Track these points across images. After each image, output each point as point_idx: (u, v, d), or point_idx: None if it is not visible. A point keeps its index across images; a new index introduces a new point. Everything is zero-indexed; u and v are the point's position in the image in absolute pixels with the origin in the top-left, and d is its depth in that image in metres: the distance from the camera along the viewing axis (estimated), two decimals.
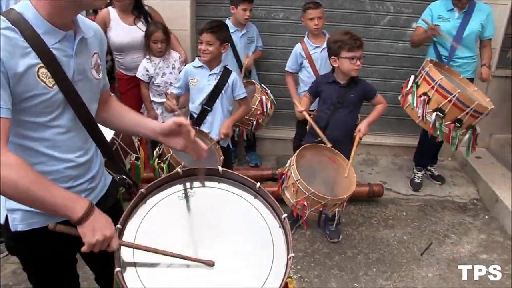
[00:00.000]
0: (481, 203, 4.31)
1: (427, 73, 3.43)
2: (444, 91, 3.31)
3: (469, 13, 3.88)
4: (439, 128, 3.41)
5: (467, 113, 3.32)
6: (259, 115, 3.99)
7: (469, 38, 3.94)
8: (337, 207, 3.01)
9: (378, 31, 4.66)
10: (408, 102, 3.56)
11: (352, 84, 3.30)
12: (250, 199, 1.72)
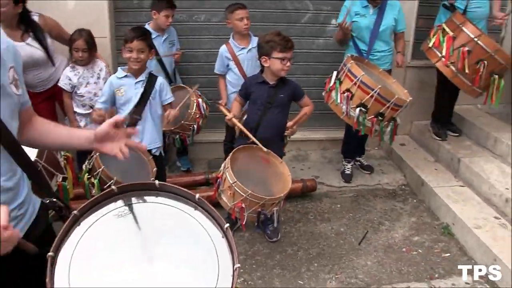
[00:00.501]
0: (409, 188, 4.52)
1: (349, 70, 3.54)
2: (366, 87, 3.46)
3: (382, 9, 4.05)
4: (362, 123, 3.55)
5: (388, 107, 3.49)
6: (199, 118, 3.95)
7: (385, 32, 4.11)
8: (275, 206, 3.02)
9: (299, 28, 4.74)
10: (332, 98, 3.65)
11: (281, 84, 3.33)
12: (190, 211, 1.66)
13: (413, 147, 5.03)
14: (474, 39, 3.87)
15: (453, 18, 4.06)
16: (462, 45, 3.91)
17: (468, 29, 3.91)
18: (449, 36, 3.97)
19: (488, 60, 3.87)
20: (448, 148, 4.62)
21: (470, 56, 3.88)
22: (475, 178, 4.16)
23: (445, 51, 3.99)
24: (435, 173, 4.44)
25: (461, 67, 3.92)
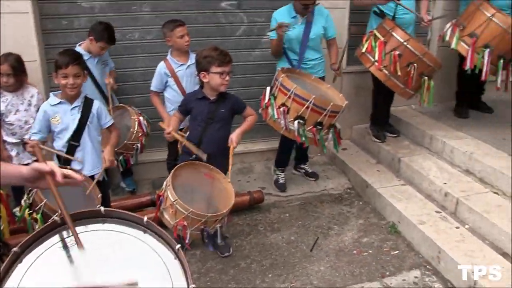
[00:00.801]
0: (354, 191, 4.60)
1: (281, 84, 3.58)
2: (301, 99, 3.49)
3: (311, 18, 4.12)
4: (303, 134, 3.57)
5: (326, 115, 3.54)
6: (141, 136, 3.86)
7: (315, 40, 4.20)
8: (218, 223, 3.00)
9: (235, 41, 4.76)
10: (270, 115, 3.68)
11: (222, 99, 3.32)
12: (139, 235, 1.61)
13: (355, 151, 5.15)
14: (403, 43, 4.03)
15: (383, 24, 4.22)
16: (393, 49, 4.05)
17: (397, 34, 4.07)
18: (380, 41, 4.12)
19: (417, 62, 4.04)
20: (388, 149, 4.76)
21: (401, 59, 4.04)
22: (416, 176, 4.31)
23: (378, 55, 4.12)
24: (377, 174, 4.55)
25: (393, 70, 4.07)
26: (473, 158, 4.12)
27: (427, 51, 4.24)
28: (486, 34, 4.10)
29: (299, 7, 4.03)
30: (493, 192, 3.83)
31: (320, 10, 4.20)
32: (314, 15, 4.13)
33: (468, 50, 4.16)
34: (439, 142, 4.55)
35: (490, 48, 4.08)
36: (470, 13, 4.26)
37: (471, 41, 4.14)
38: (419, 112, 5.28)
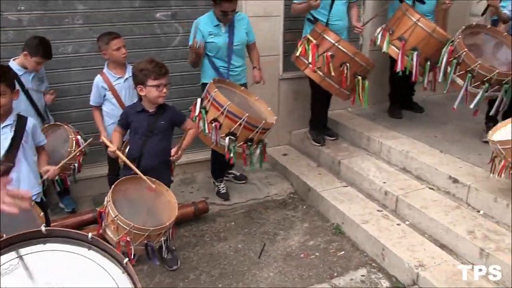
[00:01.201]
0: (297, 195, 4.65)
1: (214, 99, 3.57)
2: (233, 116, 3.51)
3: (232, 25, 4.14)
4: (233, 150, 3.60)
5: (257, 132, 3.59)
6: (79, 155, 3.70)
7: (240, 47, 4.23)
8: (162, 236, 2.94)
9: (171, 52, 4.69)
10: (200, 128, 3.66)
11: (161, 111, 3.25)
12: (84, 252, 1.53)
13: (296, 156, 5.21)
14: (335, 44, 4.15)
15: (315, 28, 4.34)
16: (325, 51, 4.17)
17: (329, 36, 4.20)
18: (313, 44, 4.22)
19: (350, 62, 4.18)
20: (327, 152, 4.85)
21: (333, 60, 4.15)
22: (356, 177, 4.42)
23: (311, 57, 4.22)
24: (319, 177, 4.63)
25: (327, 71, 4.18)
26: (409, 156, 4.29)
27: (358, 51, 4.40)
28: (413, 37, 4.32)
29: (220, 17, 4.04)
30: (429, 188, 4.00)
31: (240, 16, 4.24)
32: (235, 22, 4.16)
33: (398, 53, 4.36)
34: (376, 142, 4.69)
35: (418, 51, 4.29)
36: (398, 18, 4.46)
37: (400, 44, 4.33)
38: (355, 115, 5.43)
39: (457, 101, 4.09)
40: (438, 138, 4.62)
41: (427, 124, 5.04)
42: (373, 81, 4.74)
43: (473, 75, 3.90)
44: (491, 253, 3.11)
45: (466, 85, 3.96)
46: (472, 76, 3.91)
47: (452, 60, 4.03)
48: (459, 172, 3.90)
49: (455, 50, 4.01)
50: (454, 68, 4.02)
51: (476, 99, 3.97)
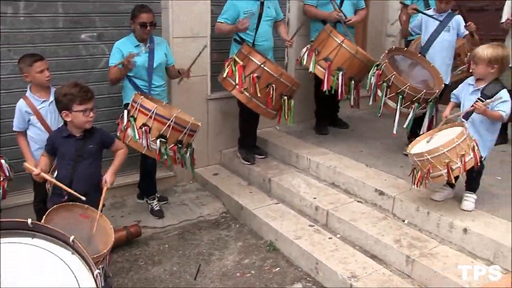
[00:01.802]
0: (229, 214, 4.65)
1: (141, 105, 3.66)
2: (162, 118, 3.64)
3: (152, 45, 4.19)
4: (165, 153, 3.67)
5: (185, 133, 3.73)
6: (4, 181, 3.47)
7: (160, 67, 4.27)
8: (100, 264, 2.83)
9: (98, 74, 4.56)
10: (130, 136, 3.69)
11: (89, 134, 3.15)
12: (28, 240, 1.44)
13: (226, 175, 5.22)
14: (260, 65, 4.26)
15: (241, 49, 4.42)
16: (251, 72, 4.26)
17: (255, 57, 4.30)
18: (239, 66, 4.30)
19: (275, 83, 4.30)
20: (258, 170, 4.91)
21: (259, 81, 4.26)
22: (287, 194, 4.50)
23: (238, 79, 4.30)
24: (250, 196, 4.66)
25: (253, 92, 4.27)
26: (337, 171, 4.44)
27: (283, 71, 4.52)
28: (338, 58, 4.52)
29: (139, 32, 4.08)
30: (357, 201, 4.16)
31: (158, 40, 4.34)
32: (155, 44, 4.22)
33: (324, 73, 4.53)
34: (304, 159, 4.81)
35: (343, 71, 4.49)
36: (323, 39, 4.65)
37: (326, 65, 4.51)
38: (284, 133, 5.55)
39: (395, 126, 4.26)
40: (364, 152, 4.83)
41: (353, 139, 5.26)
42: (299, 99, 4.89)
43: (404, 96, 4.12)
44: (416, 259, 3.28)
45: (398, 107, 4.17)
46: (402, 97, 4.13)
47: (381, 83, 4.23)
48: (384, 184, 4.09)
49: (383, 74, 4.21)
50: (385, 91, 4.22)
51: (408, 119, 4.21)
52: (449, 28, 4.39)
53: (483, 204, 3.65)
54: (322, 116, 5.55)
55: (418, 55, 4.47)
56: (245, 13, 4.61)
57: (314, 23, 5.29)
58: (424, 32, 4.51)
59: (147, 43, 4.18)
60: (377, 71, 4.28)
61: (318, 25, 5.19)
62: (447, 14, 4.41)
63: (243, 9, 4.63)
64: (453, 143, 3.24)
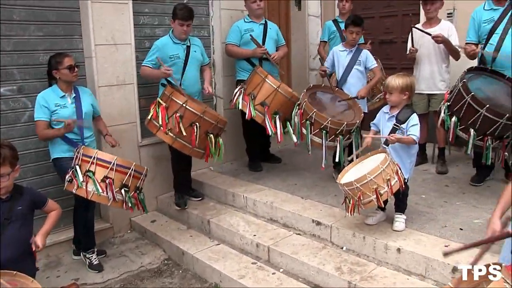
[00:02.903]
0: (171, 260, 4.58)
1: (98, 158, 3.73)
2: (123, 168, 3.79)
3: (78, 97, 4.16)
4: (130, 201, 3.81)
5: (142, 179, 3.88)
6: None
7: (88, 117, 4.22)
8: None
9: (21, 129, 4.42)
10: (92, 191, 3.67)
11: (17, 195, 2.99)
12: None
13: (165, 221, 5.16)
14: (182, 105, 4.29)
15: (164, 91, 4.47)
16: (174, 112, 4.30)
17: (177, 98, 4.34)
18: (162, 107, 4.34)
19: (199, 121, 4.33)
20: (196, 213, 4.90)
21: (183, 120, 4.29)
22: (227, 234, 4.52)
23: (161, 120, 4.33)
24: (191, 239, 4.63)
25: (178, 132, 4.29)
26: (274, 206, 4.53)
27: (207, 109, 4.48)
28: (275, 102, 4.69)
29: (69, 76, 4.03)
30: (296, 234, 4.25)
31: (83, 90, 4.30)
32: (80, 94, 4.19)
33: (263, 118, 4.67)
34: (241, 197, 4.87)
35: (279, 114, 4.68)
36: (257, 83, 4.76)
37: (263, 109, 4.66)
38: (218, 173, 5.60)
39: (323, 160, 4.41)
40: (298, 185, 4.97)
41: (286, 173, 5.40)
42: (231, 138, 4.98)
43: (327, 131, 4.30)
44: (357, 284, 3.39)
45: (324, 141, 4.32)
46: (326, 132, 4.31)
47: (305, 121, 4.39)
48: (321, 214, 4.22)
49: (305, 112, 4.38)
50: (309, 128, 4.38)
51: (337, 153, 4.36)
52: (360, 62, 4.76)
53: (412, 222, 3.86)
54: (254, 153, 5.67)
55: (336, 89, 4.75)
56: (170, 58, 4.69)
57: (239, 62, 5.44)
58: (338, 67, 4.83)
59: (71, 93, 4.13)
60: (299, 111, 4.45)
61: (243, 63, 5.36)
62: (356, 49, 4.77)
63: (168, 53, 4.70)
64: (379, 169, 3.44)
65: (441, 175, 5.00)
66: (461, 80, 3.98)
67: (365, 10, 6.85)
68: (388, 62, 6.36)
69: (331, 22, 5.94)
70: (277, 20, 6.44)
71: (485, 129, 3.86)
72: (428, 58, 5.00)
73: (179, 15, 4.67)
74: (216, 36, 5.77)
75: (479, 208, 4.03)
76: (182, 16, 4.67)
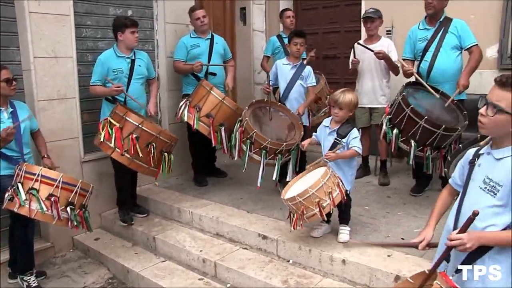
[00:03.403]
0: (116, 279, 4.46)
1: (43, 176, 3.62)
2: (69, 186, 3.70)
3: (15, 111, 3.99)
4: (75, 219, 3.71)
5: (88, 197, 3.80)
6: None
7: (26, 135, 4.07)
8: None
9: None
10: (36, 210, 3.56)
11: None
12: None
13: (109, 238, 5.02)
14: (138, 126, 4.25)
15: (116, 110, 4.36)
16: (130, 133, 4.23)
17: (131, 118, 4.27)
18: (116, 128, 4.24)
19: (155, 141, 4.33)
20: (141, 229, 4.80)
21: (139, 141, 4.25)
22: (173, 250, 4.45)
23: (117, 142, 4.23)
24: (136, 257, 4.53)
25: (134, 153, 4.23)
26: (220, 221, 4.51)
27: (161, 129, 4.56)
28: (220, 114, 4.70)
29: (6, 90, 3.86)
30: (243, 248, 4.24)
31: (20, 104, 4.13)
32: (16, 109, 4.03)
33: (209, 130, 4.66)
34: (187, 213, 4.82)
35: (224, 126, 4.70)
36: (202, 96, 4.76)
37: (209, 121, 4.66)
38: (163, 188, 5.52)
39: (259, 178, 4.48)
40: (244, 199, 4.98)
41: (232, 187, 5.40)
42: (175, 153, 4.91)
43: (267, 151, 4.36)
44: None
45: (263, 160, 4.40)
46: (266, 152, 4.37)
47: (245, 140, 4.43)
48: (267, 228, 4.24)
49: (245, 131, 4.42)
50: (249, 147, 4.41)
51: (275, 172, 4.46)
52: (302, 77, 4.85)
53: (356, 233, 3.95)
54: (199, 167, 5.63)
55: (278, 103, 4.83)
56: (114, 72, 4.60)
57: (185, 77, 5.43)
58: (281, 81, 4.91)
59: (8, 108, 3.95)
60: (240, 128, 4.48)
61: (189, 78, 5.36)
62: (300, 63, 4.87)
63: (112, 67, 4.61)
64: (320, 183, 3.51)
65: (383, 187, 5.15)
66: (400, 94, 4.14)
67: (309, 26, 7.03)
68: (332, 77, 6.53)
69: (275, 37, 6.04)
70: (223, 34, 6.47)
71: (424, 140, 4.04)
72: (369, 73, 5.17)
73: (129, 23, 4.63)
74: (161, 50, 5.73)
75: (419, 218, 4.17)
76: (132, 22, 4.65)
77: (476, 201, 2.04)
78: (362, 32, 5.73)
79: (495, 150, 2.05)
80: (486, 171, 2.05)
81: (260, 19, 7.27)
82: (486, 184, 2.02)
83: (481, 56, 4.44)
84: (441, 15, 4.54)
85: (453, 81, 4.45)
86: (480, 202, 2.02)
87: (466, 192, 2.15)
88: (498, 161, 2.01)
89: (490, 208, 1.99)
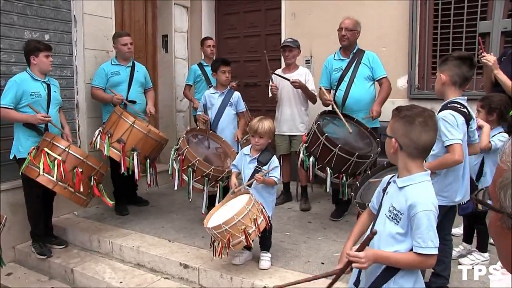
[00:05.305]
0: None
1: None
2: None
3: None
4: None
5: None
6: None
7: None
8: None
9: None
10: None
11: None
12: None
13: (23, 273, 4.76)
14: (65, 149, 4.25)
15: (45, 137, 4.33)
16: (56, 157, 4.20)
17: (59, 143, 4.29)
18: (44, 152, 4.21)
19: (81, 166, 4.29)
20: (58, 262, 4.60)
21: (65, 165, 4.21)
22: (92, 282, 4.30)
23: (44, 164, 4.16)
24: None
25: (60, 176, 4.17)
26: (141, 251, 4.42)
27: (88, 154, 4.53)
28: (131, 139, 4.64)
29: None
30: (164, 278, 4.17)
31: None
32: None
33: (119, 155, 4.59)
34: (107, 243, 4.69)
35: (137, 151, 4.62)
36: (114, 121, 4.71)
37: (120, 146, 4.59)
38: (83, 218, 5.34)
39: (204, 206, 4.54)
40: (165, 228, 4.92)
41: (154, 215, 5.32)
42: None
43: (209, 178, 4.39)
44: None
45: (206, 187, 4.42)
46: (208, 179, 4.40)
47: (187, 168, 4.41)
48: (188, 257, 4.21)
49: (186, 159, 4.40)
50: (191, 175, 4.40)
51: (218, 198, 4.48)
52: (231, 103, 4.94)
53: (278, 260, 4.02)
54: (121, 196, 5.50)
55: (209, 131, 4.87)
56: (32, 95, 4.44)
57: (105, 105, 5.34)
58: (211, 110, 4.96)
59: None
60: (180, 157, 4.45)
61: (109, 106, 5.26)
62: (227, 90, 4.97)
63: (29, 90, 4.44)
64: (245, 210, 3.55)
65: (304, 212, 5.30)
66: (315, 123, 4.32)
67: (230, 54, 7.17)
68: (254, 104, 6.69)
69: (196, 65, 6.12)
70: (144, 61, 6.45)
71: (339, 167, 4.22)
72: (288, 101, 5.35)
73: (44, 47, 4.53)
74: (80, 76, 5.58)
75: (339, 242, 4.33)
76: (46, 46, 4.55)
77: (383, 228, 2.17)
78: (281, 60, 5.94)
79: (399, 179, 2.19)
80: (392, 199, 2.19)
81: (182, 46, 7.32)
82: (390, 212, 2.16)
83: (390, 88, 4.76)
84: (355, 47, 4.82)
85: (367, 110, 4.72)
86: (386, 229, 2.15)
87: (377, 217, 2.27)
88: (400, 190, 2.15)
89: (394, 235, 2.12)
